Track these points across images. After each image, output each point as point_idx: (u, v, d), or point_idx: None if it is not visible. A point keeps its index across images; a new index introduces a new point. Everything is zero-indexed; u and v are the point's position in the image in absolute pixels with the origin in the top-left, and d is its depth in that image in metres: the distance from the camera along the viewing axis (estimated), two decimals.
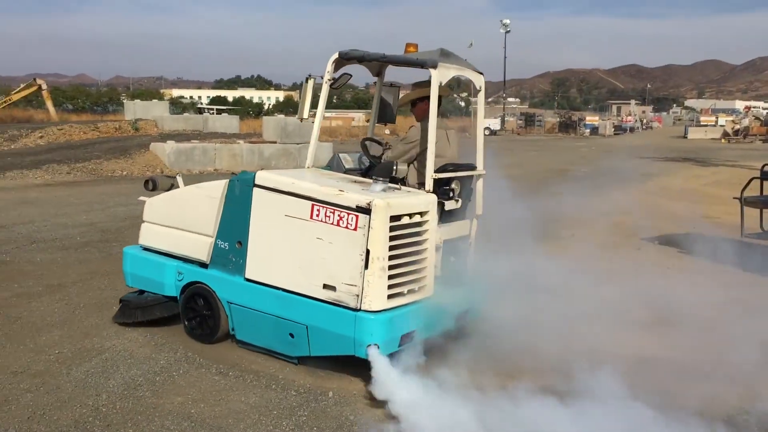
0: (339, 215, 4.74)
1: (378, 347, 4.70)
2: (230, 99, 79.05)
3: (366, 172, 5.82)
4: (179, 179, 6.19)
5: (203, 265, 5.64)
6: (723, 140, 47.13)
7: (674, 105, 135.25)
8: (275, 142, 23.18)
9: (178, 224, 5.82)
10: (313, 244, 4.86)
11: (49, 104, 38.33)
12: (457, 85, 5.62)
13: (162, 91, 79.73)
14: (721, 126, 54.87)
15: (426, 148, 5.21)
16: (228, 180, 5.47)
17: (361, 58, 5.52)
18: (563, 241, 10.01)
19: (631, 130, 62.93)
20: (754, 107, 77.12)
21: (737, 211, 9.78)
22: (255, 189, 5.19)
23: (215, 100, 72.48)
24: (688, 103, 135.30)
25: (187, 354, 5.52)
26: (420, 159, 5.42)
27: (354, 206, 4.68)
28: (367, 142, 5.95)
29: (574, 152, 34.30)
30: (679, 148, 38.10)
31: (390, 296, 4.76)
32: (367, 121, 6.47)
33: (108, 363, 5.32)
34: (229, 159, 21.81)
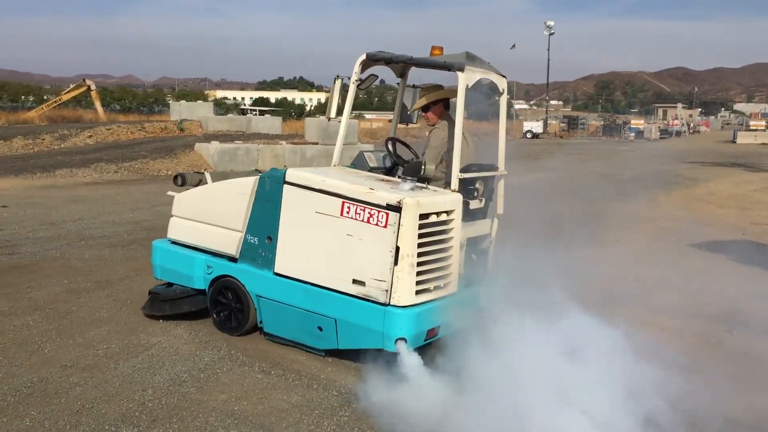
0: (369, 212, 4.86)
1: (406, 341, 4.82)
2: (273, 100, 79.87)
3: (390, 171, 5.94)
4: (207, 175, 6.32)
5: (232, 259, 5.76)
6: None
7: (722, 109, 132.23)
8: (317, 143, 23.36)
9: (207, 219, 5.94)
10: (343, 240, 4.98)
11: (98, 104, 39.21)
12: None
13: (206, 92, 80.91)
14: None
15: (448, 149, 5.39)
16: (258, 176, 5.56)
17: (388, 60, 5.60)
18: (607, 246, 9.86)
19: (678, 134, 61.72)
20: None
21: None
22: (285, 186, 5.31)
23: (258, 102, 73.30)
24: (737, 107, 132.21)
25: (230, 352, 5.59)
26: (443, 160, 5.62)
27: (384, 204, 4.81)
28: (390, 142, 5.96)
29: (618, 156, 33.74)
30: (727, 152, 37.23)
31: (418, 292, 4.89)
32: (389, 120, 6.54)
33: (154, 359, 5.42)
34: (272, 159, 22.04)
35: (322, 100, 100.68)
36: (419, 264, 4.85)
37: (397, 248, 4.77)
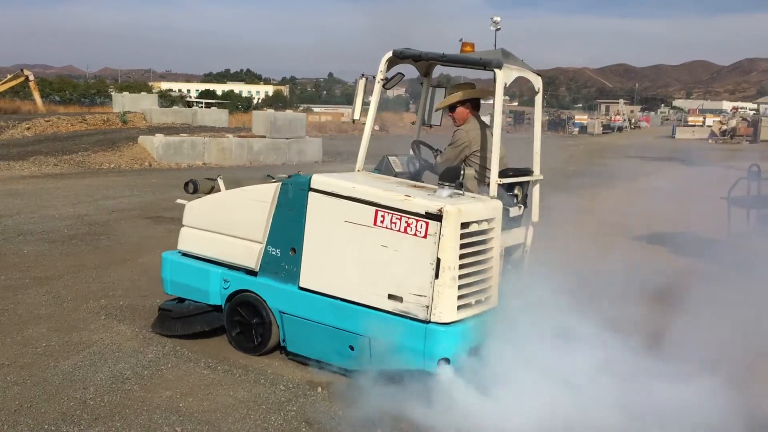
0: (407, 222, 4.53)
1: (449, 361, 4.51)
2: (219, 93, 78.72)
3: (416, 176, 5.62)
4: (220, 181, 5.83)
5: (251, 272, 5.31)
6: (710, 140, 47.46)
7: (662, 105, 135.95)
8: (264, 137, 23.12)
9: (222, 229, 5.49)
10: (377, 251, 4.63)
11: (36, 95, 37.97)
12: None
13: (150, 83, 79.26)
14: (709, 126, 55.29)
15: (475, 150, 5.22)
16: (279, 183, 5.17)
17: (417, 57, 5.28)
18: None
19: (620, 129, 63.20)
20: (741, 108, 77.73)
21: (724, 211, 9.86)
22: (310, 193, 4.92)
23: (204, 94, 72.16)
24: (676, 103, 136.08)
25: (175, 348, 5.51)
26: (472, 162, 5.32)
27: (423, 212, 4.48)
28: (417, 145, 5.75)
29: (563, 151, 34.41)
30: (667, 147, 38.32)
31: (459, 307, 4.55)
32: (415, 122, 6.15)
33: (96, 356, 5.30)
34: (218, 153, 21.74)
35: (270, 93, 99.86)
36: (460, 277, 4.53)
37: (438, 260, 4.43)
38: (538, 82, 5.46)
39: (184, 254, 5.77)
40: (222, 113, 32.23)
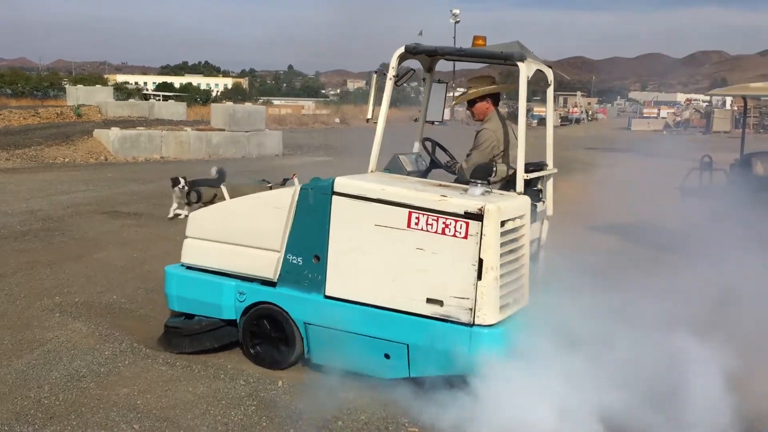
0: (444, 222, 4.38)
1: (494, 364, 4.33)
2: (177, 85, 77.51)
3: (426, 174, 5.51)
4: (224, 189, 5.54)
5: (269, 283, 5.02)
6: (665, 132, 48.41)
7: (618, 97, 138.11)
8: (223, 130, 22.86)
9: (234, 239, 5.15)
10: (412, 255, 4.48)
11: None
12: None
13: (106, 76, 77.60)
14: (663, 118, 56.35)
15: (502, 151, 5.15)
16: (298, 188, 4.92)
17: (432, 52, 5.10)
18: None
19: (577, 121, 63.98)
20: (694, 100, 79.45)
21: (678, 201, 10.08)
22: (334, 197, 4.71)
23: (162, 87, 70.94)
24: (632, 95, 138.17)
25: (132, 345, 5.43)
26: (495, 162, 5.20)
27: (462, 212, 4.34)
28: (428, 143, 5.63)
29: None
30: (623, 139, 38.97)
31: (501, 308, 4.46)
32: (417, 119, 5.93)
33: (50, 354, 5.20)
34: (177, 146, 21.43)
35: (229, 86, 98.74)
36: (501, 276, 4.42)
37: (480, 261, 4.31)
38: (549, 75, 5.33)
39: (188, 267, 5.38)
40: (180, 106, 31.76)
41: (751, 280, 5.57)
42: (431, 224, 4.42)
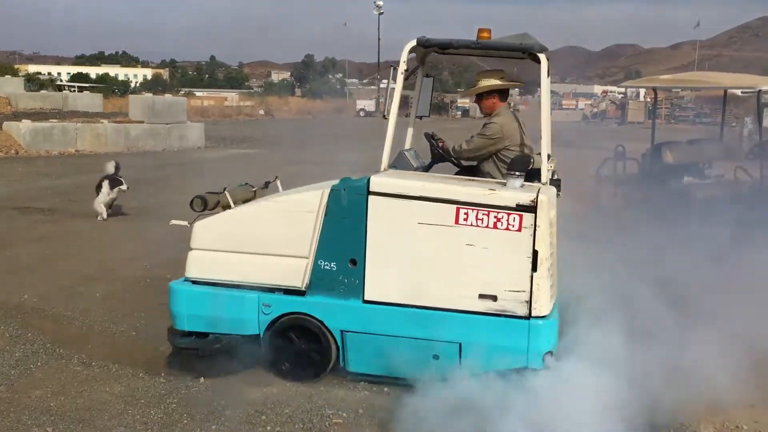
0: (496, 216, 4.32)
1: (552, 354, 4.40)
2: (93, 76, 74.87)
3: (429, 169, 5.44)
4: (227, 194, 5.12)
5: (294, 292, 4.72)
6: (582, 123, 49.95)
7: (538, 89, 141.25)
8: (143, 122, 22.24)
9: (254, 248, 4.78)
10: (462, 251, 4.39)
11: None
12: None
13: (17, 66, 74.15)
14: (581, 109, 58.14)
15: (508, 145, 5.05)
16: (328, 189, 4.63)
17: (446, 46, 4.87)
18: None
19: None
20: (610, 92, 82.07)
21: (594, 188, 10.40)
22: (371, 197, 4.50)
23: (77, 77, 68.37)
24: (552, 87, 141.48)
25: (45, 345, 5.23)
26: (503, 156, 5.12)
27: (514, 205, 4.30)
28: (430, 137, 5.54)
29: (446, 133, 35.17)
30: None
31: (551, 298, 4.46)
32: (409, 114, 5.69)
33: None
34: (93, 139, 20.73)
35: (149, 77, 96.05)
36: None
37: (535, 252, 4.29)
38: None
39: (195, 282, 4.91)
40: (96, 97, 30.76)
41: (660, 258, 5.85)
42: (481, 219, 4.36)
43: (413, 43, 4.78)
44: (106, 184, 10.06)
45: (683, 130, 29.78)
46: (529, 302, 4.33)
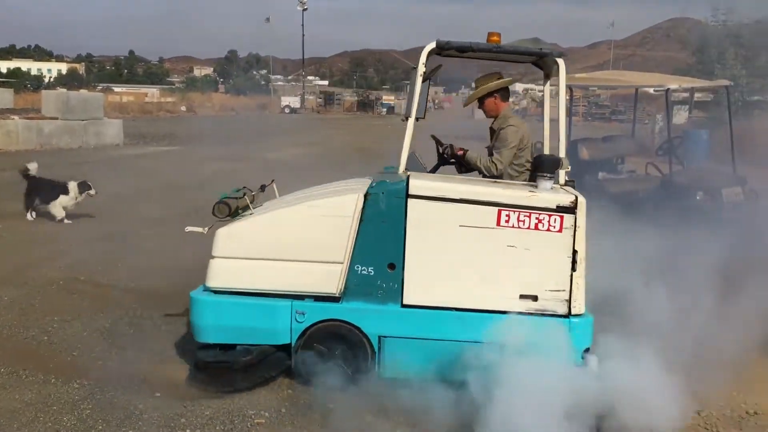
0: (537, 218, 4.42)
1: (589, 350, 4.51)
2: (4, 70, 71.59)
3: (435, 171, 5.46)
4: (247, 200, 4.87)
5: (327, 299, 4.61)
6: None
7: (463, 86, 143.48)
8: (57, 119, 21.38)
9: (286, 255, 4.61)
10: (503, 252, 4.45)
11: None
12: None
13: None
14: None
15: (526, 144, 5.17)
16: (362, 193, 4.54)
17: (466, 49, 4.84)
18: None
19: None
20: (531, 90, 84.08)
21: None
22: (410, 200, 4.48)
23: None
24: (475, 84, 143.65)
25: None
26: (518, 156, 5.20)
27: (554, 206, 4.42)
28: (436, 141, 5.58)
29: (372, 130, 35.36)
30: (466, 126, 40.52)
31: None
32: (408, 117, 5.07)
33: None
34: (2, 137, 19.80)
35: (64, 71, 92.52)
36: None
37: (575, 252, 4.43)
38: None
39: (217, 291, 4.66)
40: (6, 93, 29.43)
41: None
42: (523, 221, 4.43)
43: (432, 45, 4.74)
44: (74, 187, 9.83)
45: (599, 127, 30.81)
46: (569, 301, 4.47)
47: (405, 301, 4.54)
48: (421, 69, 4.73)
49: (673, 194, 9.03)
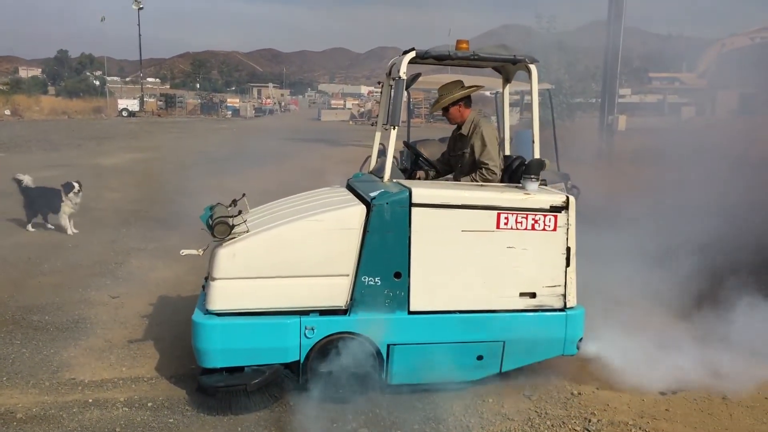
0: (533, 219, 4.66)
1: (582, 339, 4.89)
2: None
3: (410, 175, 5.78)
4: (242, 218, 4.59)
5: (336, 311, 4.56)
6: (350, 122, 51.71)
7: (309, 89, 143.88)
8: None
9: (290, 271, 4.51)
10: (503, 254, 4.67)
11: None
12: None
13: None
14: (349, 109, 60.13)
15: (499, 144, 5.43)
16: (369, 204, 4.52)
17: (444, 57, 4.98)
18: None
19: (271, 112, 65.34)
20: (375, 92, 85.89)
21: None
22: (413, 209, 4.54)
23: None
24: (321, 87, 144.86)
25: None
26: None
27: (548, 207, 4.68)
28: (411, 147, 5.68)
29: (216, 134, 34.56)
30: (314, 129, 40.81)
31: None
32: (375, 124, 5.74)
33: None
34: None
35: None
36: None
37: (568, 249, 4.73)
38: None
39: (220, 314, 4.49)
40: None
41: None
42: (520, 222, 4.66)
43: (412, 54, 4.89)
44: (67, 196, 9.59)
45: (440, 129, 32.03)
46: (564, 295, 4.80)
47: (412, 308, 4.63)
48: (403, 77, 4.86)
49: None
